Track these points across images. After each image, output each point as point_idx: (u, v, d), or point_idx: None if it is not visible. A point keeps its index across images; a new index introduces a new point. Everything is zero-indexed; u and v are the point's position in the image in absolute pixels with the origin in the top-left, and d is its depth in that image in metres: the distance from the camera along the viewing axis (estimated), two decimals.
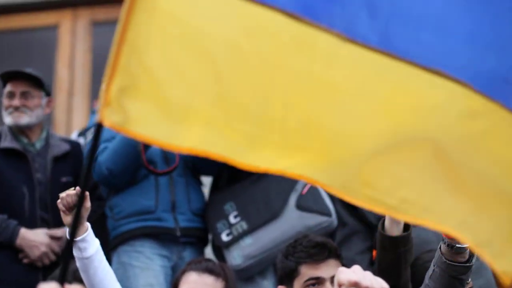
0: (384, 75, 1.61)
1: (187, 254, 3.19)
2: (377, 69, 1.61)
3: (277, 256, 2.66)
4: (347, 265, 3.28)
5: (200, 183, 3.42)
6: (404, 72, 1.59)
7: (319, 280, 2.51)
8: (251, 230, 3.05)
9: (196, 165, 3.31)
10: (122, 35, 1.52)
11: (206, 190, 3.43)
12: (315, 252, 2.54)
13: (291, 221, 3.06)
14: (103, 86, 1.54)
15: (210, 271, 2.55)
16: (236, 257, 2.99)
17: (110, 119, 1.52)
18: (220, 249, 3.20)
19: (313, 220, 3.09)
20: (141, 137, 1.58)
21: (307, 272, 2.53)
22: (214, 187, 3.41)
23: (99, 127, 1.56)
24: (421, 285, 2.38)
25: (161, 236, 3.17)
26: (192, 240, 3.24)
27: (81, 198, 1.61)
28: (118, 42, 1.52)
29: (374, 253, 2.71)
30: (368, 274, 1.50)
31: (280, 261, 2.62)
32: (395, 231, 2.56)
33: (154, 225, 3.15)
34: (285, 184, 3.15)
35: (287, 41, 1.59)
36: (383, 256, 2.63)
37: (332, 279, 2.45)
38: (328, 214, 3.13)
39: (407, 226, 2.58)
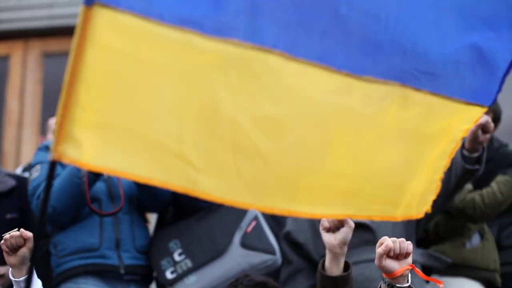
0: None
1: None
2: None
3: None
4: None
5: (145, 220, 3.41)
6: None
7: None
8: (196, 268, 3.05)
9: (142, 202, 3.30)
10: (73, 70, 1.55)
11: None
12: None
13: (236, 259, 3.08)
14: (57, 122, 1.57)
15: None
16: None
17: (66, 154, 1.56)
18: (164, 287, 3.20)
19: (257, 258, 3.11)
20: (98, 169, 1.61)
21: None
22: (159, 224, 3.41)
23: (53, 164, 1.58)
24: None
25: (105, 274, 3.14)
26: (137, 277, 3.22)
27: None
28: (70, 78, 1.56)
29: None
30: None
31: None
32: (335, 270, 2.57)
33: (97, 263, 3.13)
34: (230, 222, 3.17)
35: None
36: None
37: None
38: (272, 252, 3.16)
39: (347, 266, 2.61)
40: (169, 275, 3.07)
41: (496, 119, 3.59)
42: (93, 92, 1.60)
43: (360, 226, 3.34)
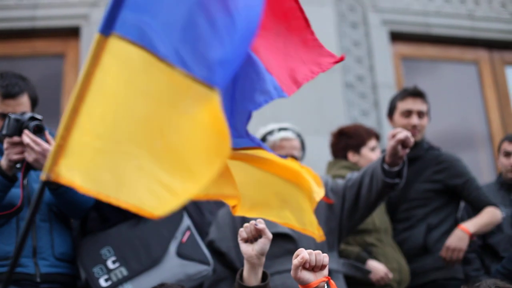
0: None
1: None
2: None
3: None
4: None
5: (68, 227, 3.31)
6: None
7: None
8: (132, 276, 3.02)
9: (60, 208, 3.21)
10: (80, 95, 1.58)
11: None
12: None
13: (172, 269, 3.07)
14: (56, 143, 1.58)
15: None
16: None
17: (63, 175, 1.58)
18: None
19: (193, 268, 3.13)
20: (92, 193, 1.62)
21: None
22: (81, 230, 3.33)
23: (45, 184, 1.58)
24: None
25: (21, 282, 3.02)
26: (56, 286, 3.13)
27: None
28: (75, 102, 1.58)
29: None
30: None
31: None
32: (252, 281, 2.61)
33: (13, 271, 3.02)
34: (164, 231, 3.17)
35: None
36: None
37: None
38: (207, 263, 3.19)
39: (265, 276, 2.66)
40: (103, 283, 3.01)
41: None
42: (95, 118, 1.62)
43: (282, 236, 3.46)
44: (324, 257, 2.23)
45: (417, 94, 4.37)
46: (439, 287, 4.08)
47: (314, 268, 2.23)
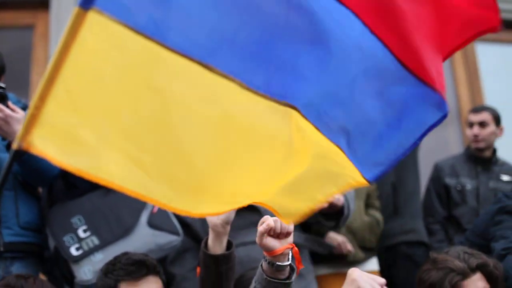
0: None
1: (16, 269, 3.06)
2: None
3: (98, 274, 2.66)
4: (179, 282, 3.42)
5: (35, 196, 3.30)
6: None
7: None
8: (103, 245, 3.02)
9: (24, 177, 3.19)
10: (56, 67, 1.58)
11: None
12: (134, 269, 2.59)
13: (144, 239, 3.08)
14: (29, 113, 1.58)
15: None
16: (87, 272, 2.97)
17: (35, 145, 1.57)
18: (52, 263, 3.17)
19: (164, 238, 3.15)
20: (64, 166, 1.63)
21: None
22: (49, 200, 3.31)
23: (17, 153, 1.58)
24: None
25: None
26: (21, 255, 3.12)
27: None
28: (51, 73, 1.58)
29: (198, 270, 2.75)
30: None
31: (99, 279, 2.62)
32: (217, 249, 2.65)
33: None
34: (135, 201, 3.15)
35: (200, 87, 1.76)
36: (206, 273, 2.70)
37: None
38: (177, 233, 3.21)
39: (230, 245, 2.69)
40: (74, 251, 3.01)
41: None
42: (72, 94, 1.63)
43: (248, 208, 3.49)
44: (289, 225, 2.24)
45: None
46: (405, 250, 4.17)
47: (279, 235, 2.24)
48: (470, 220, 4.33)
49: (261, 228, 2.21)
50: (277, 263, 2.25)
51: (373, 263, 4.03)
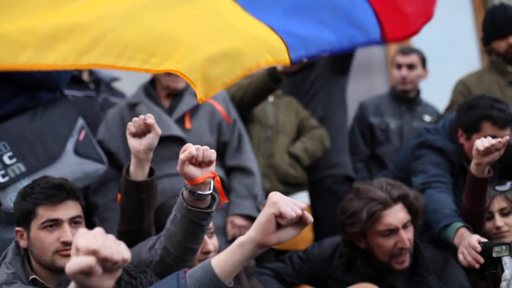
0: None
1: None
2: None
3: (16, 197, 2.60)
4: (102, 212, 3.41)
5: None
6: None
7: (56, 222, 2.50)
8: (29, 172, 2.96)
9: None
10: None
11: None
12: (53, 193, 2.51)
13: (70, 167, 3.05)
14: None
15: None
16: (13, 199, 2.94)
17: None
18: None
19: (90, 166, 3.12)
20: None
21: (44, 213, 2.50)
22: None
23: None
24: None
25: None
26: None
27: None
28: None
29: (119, 196, 2.75)
30: (110, 239, 1.35)
31: (17, 202, 2.56)
32: (139, 176, 2.63)
33: None
34: (61, 128, 3.12)
35: None
36: (126, 200, 2.69)
37: (70, 220, 2.50)
38: (102, 161, 3.19)
39: (151, 172, 2.67)
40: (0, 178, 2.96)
41: None
42: None
43: (174, 139, 3.48)
44: (212, 153, 2.23)
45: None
46: (330, 185, 4.26)
47: (201, 164, 2.22)
48: (393, 159, 4.45)
49: (182, 156, 2.20)
50: (198, 192, 2.26)
51: (303, 197, 4.11)
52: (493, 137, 3.31)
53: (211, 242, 2.78)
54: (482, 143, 3.02)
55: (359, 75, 6.15)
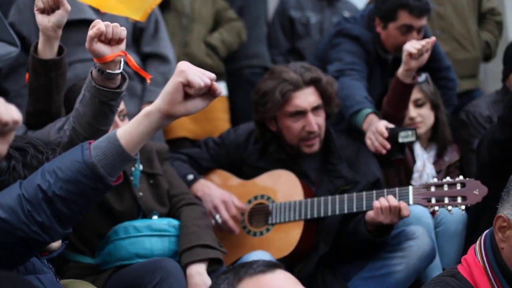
0: None
1: None
2: None
3: None
4: (13, 98, 3.30)
5: None
6: None
7: None
8: None
9: None
10: None
11: None
12: None
13: None
14: None
15: None
16: None
17: None
18: None
19: (3, 49, 2.95)
20: None
21: None
22: None
23: None
24: None
25: None
26: None
27: None
28: None
29: (27, 76, 2.64)
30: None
31: None
32: (47, 54, 2.53)
33: None
34: None
35: None
36: (34, 79, 2.60)
37: None
38: (15, 44, 3.05)
39: (61, 50, 2.58)
40: None
41: None
42: None
43: (88, 24, 3.34)
44: (122, 31, 2.16)
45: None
46: (248, 75, 4.26)
47: (111, 41, 2.16)
48: (313, 52, 4.47)
49: (91, 32, 2.12)
50: (107, 70, 2.19)
51: (221, 87, 4.08)
52: (409, 26, 3.34)
53: (123, 125, 2.73)
54: (412, 46, 3.04)
55: None
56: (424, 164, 3.66)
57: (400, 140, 3.04)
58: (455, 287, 1.94)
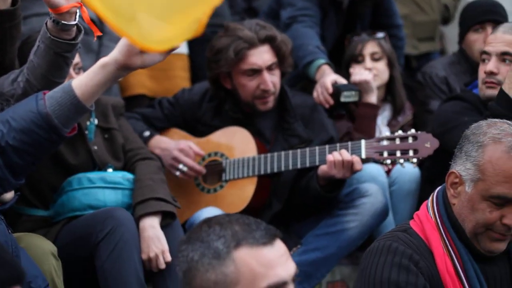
0: None
1: None
2: None
3: None
4: None
5: None
6: None
7: None
8: None
9: None
10: None
11: None
12: None
13: None
14: None
15: None
16: None
17: None
18: None
19: None
20: None
21: None
22: None
23: None
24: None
25: None
26: None
27: None
28: None
29: None
30: None
31: None
32: (1, 5, 2.48)
33: None
34: None
35: None
36: None
37: None
38: None
39: (15, 1, 2.52)
40: None
41: None
42: None
43: None
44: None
45: None
46: (209, 34, 4.24)
47: None
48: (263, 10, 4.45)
49: None
50: (63, 21, 2.17)
51: (181, 46, 4.07)
52: None
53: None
54: None
55: None
56: (378, 126, 3.71)
57: (342, 99, 3.10)
58: (406, 242, 1.97)
